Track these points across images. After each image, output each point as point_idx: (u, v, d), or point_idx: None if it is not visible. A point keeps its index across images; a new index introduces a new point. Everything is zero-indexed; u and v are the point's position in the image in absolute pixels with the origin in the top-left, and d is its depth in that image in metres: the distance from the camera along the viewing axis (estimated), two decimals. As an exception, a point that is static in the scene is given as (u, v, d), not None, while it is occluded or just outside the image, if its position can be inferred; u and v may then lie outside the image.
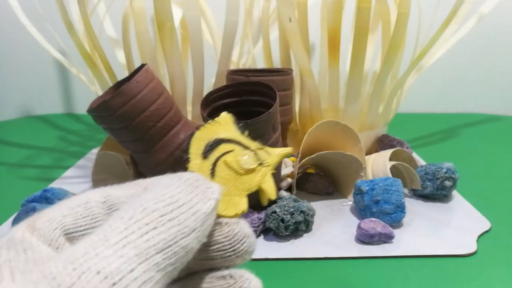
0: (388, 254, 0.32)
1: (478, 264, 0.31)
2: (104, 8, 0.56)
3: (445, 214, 0.38)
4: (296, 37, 0.43)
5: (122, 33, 0.49)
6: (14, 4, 0.57)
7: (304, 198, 0.37)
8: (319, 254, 0.32)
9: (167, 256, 0.13)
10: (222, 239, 0.17)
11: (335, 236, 0.34)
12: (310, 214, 0.34)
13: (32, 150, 0.61)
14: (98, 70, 0.48)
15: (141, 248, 0.13)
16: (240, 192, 0.18)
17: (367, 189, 0.36)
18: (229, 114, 0.20)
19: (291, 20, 0.42)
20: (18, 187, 0.47)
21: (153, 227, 0.13)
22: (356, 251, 0.32)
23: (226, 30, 0.43)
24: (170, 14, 0.41)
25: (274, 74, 0.42)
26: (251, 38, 0.55)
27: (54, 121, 0.78)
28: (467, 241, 0.33)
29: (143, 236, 0.13)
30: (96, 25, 0.48)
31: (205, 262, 0.17)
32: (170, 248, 0.13)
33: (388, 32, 0.49)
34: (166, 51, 0.43)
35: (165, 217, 0.14)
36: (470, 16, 0.55)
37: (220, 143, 0.19)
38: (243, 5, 0.54)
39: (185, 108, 0.46)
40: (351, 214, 0.38)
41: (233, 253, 0.17)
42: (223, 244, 0.17)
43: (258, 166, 0.19)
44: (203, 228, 0.15)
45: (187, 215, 0.14)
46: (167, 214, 0.14)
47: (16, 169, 0.53)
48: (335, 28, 0.43)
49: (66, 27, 0.46)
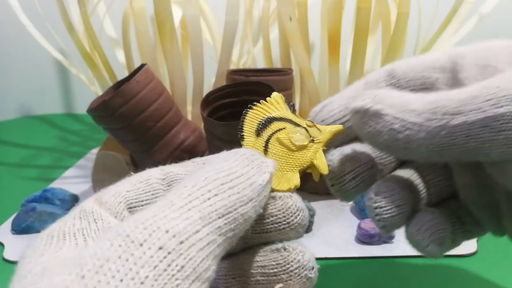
0: (388, 254, 0.32)
1: (478, 264, 0.31)
2: (104, 8, 0.56)
3: (445, 214, 0.38)
4: (296, 36, 0.43)
5: (122, 33, 0.49)
6: (14, 4, 0.57)
7: (304, 198, 0.37)
8: (319, 254, 0.32)
9: (228, 221, 0.14)
10: (276, 212, 0.18)
11: (335, 236, 0.34)
12: (310, 214, 0.34)
13: (32, 150, 0.61)
14: (98, 70, 0.48)
15: (204, 212, 0.14)
16: (292, 168, 0.19)
17: (367, 189, 0.36)
18: (280, 94, 0.21)
19: (292, 19, 0.42)
20: (18, 187, 0.47)
21: (214, 193, 0.15)
22: (356, 251, 0.32)
23: (226, 30, 0.43)
24: (170, 14, 0.41)
25: (274, 74, 0.42)
26: (251, 38, 0.55)
27: (54, 121, 0.78)
28: (467, 242, 0.33)
29: (206, 202, 0.14)
30: (96, 25, 0.48)
31: (260, 235, 0.18)
32: (231, 214, 0.15)
33: (388, 32, 0.49)
34: (166, 51, 0.43)
35: (226, 185, 0.15)
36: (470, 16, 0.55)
37: (272, 121, 0.20)
38: (243, 5, 0.54)
39: (185, 108, 0.46)
40: (351, 214, 0.38)
41: (287, 226, 0.18)
42: (277, 217, 0.18)
43: (310, 143, 0.20)
44: (259, 199, 0.16)
45: (245, 185, 0.15)
46: (227, 183, 0.15)
47: (16, 169, 0.53)
48: (335, 28, 0.43)
49: (66, 27, 0.46)
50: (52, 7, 0.48)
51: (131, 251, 0.13)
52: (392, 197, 0.19)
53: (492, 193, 0.20)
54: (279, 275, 0.18)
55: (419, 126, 0.17)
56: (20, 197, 0.40)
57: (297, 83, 0.52)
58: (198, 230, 0.14)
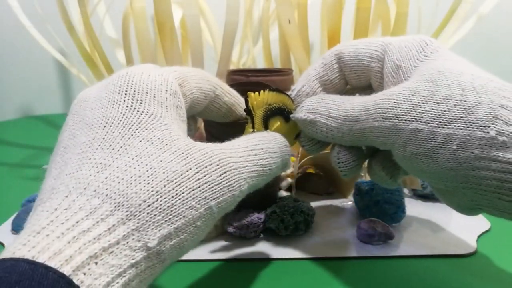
0: (388, 254, 0.32)
1: (478, 264, 0.31)
2: (104, 8, 0.56)
3: (445, 214, 0.38)
4: (295, 39, 0.43)
5: (122, 33, 0.49)
6: (14, 5, 0.57)
7: (304, 198, 0.37)
8: (319, 254, 0.32)
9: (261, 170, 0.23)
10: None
11: (335, 236, 0.34)
12: (310, 214, 0.34)
13: (32, 150, 0.61)
14: (98, 70, 0.48)
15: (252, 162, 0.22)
16: (289, 135, 0.27)
17: (367, 189, 0.36)
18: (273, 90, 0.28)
19: (290, 22, 0.42)
20: (18, 187, 0.47)
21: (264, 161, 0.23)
22: (356, 251, 0.32)
23: (226, 30, 0.43)
24: (170, 14, 0.41)
25: (274, 74, 0.42)
26: (251, 38, 0.55)
27: (54, 121, 0.78)
28: (467, 241, 0.33)
29: (257, 155, 0.23)
30: (96, 25, 0.48)
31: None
32: (257, 178, 0.22)
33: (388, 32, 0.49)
34: (166, 51, 0.43)
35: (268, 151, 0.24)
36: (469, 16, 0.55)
37: (271, 106, 0.27)
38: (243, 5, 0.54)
39: (185, 108, 0.46)
40: (351, 214, 0.38)
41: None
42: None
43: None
44: (283, 168, 0.25)
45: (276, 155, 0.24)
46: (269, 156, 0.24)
47: (17, 169, 0.53)
48: (335, 29, 0.43)
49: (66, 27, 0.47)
50: (52, 8, 0.48)
51: (223, 185, 0.20)
52: (349, 155, 0.27)
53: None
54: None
55: (337, 129, 0.25)
56: (21, 197, 0.40)
57: (297, 83, 0.52)
58: (246, 188, 0.21)
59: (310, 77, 0.28)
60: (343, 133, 0.25)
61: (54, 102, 0.85)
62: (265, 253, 0.32)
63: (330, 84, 0.28)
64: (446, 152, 0.21)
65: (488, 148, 0.20)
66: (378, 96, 0.24)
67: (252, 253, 0.32)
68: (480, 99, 0.21)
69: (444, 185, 0.23)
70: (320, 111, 0.26)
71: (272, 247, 0.33)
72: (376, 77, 0.26)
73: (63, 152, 0.19)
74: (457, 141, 0.21)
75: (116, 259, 0.16)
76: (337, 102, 0.25)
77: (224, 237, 0.34)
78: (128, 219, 0.16)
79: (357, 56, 0.27)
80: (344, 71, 0.28)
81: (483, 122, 0.20)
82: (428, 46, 0.24)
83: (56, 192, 0.17)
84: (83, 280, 0.14)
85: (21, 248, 0.15)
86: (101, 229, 0.16)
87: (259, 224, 0.34)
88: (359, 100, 0.25)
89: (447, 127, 0.21)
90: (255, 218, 0.33)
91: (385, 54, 0.26)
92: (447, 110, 0.21)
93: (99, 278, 0.15)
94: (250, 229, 0.33)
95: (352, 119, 0.24)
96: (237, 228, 0.33)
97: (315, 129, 0.26)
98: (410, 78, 0.24)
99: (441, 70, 0.22)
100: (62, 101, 0.85)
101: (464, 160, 0.21)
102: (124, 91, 0.20)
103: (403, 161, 0.24)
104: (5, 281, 0.13)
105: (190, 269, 0.30)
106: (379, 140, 0.23)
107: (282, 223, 0.33)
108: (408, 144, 0.22)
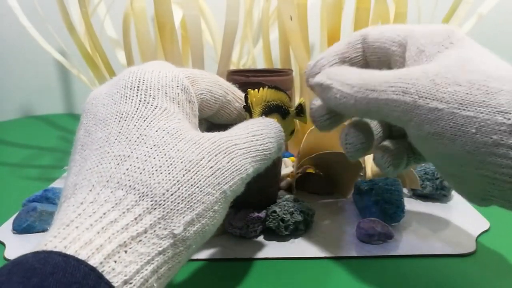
0: (387, 254, 0.32)
1: (478, 264, 0.31)
2: (105, 8, 0.56)
3: (444, 214, 0.38)
4: (296, 36, 0.43)
5: (123, 34, 0.49)
6: (14, 5, 0.57)
7: (304, 198, 0.37)
8: (319, 254, 0.32)
9: (263, 154, 0.24)
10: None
11: (335, 236, 0.35)
12: (310, 214, 0.35)
13: (32, 150, 0.61)
14: (98, 71, 0.48)
15: (258, 159, 0.24)
16: (285, 131, 0.28)
17: (366, 189, 0.37)
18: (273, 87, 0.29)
19: (292, 18, 0.43)
20: (19, 187, 0.47)
21: (264, 145, 0.24)
22: (356, 251, 0.32)
23: (226, 30, 0.43)
24: (171, 14, 0.41)
25: (274, 75, 0.42)
26: (251, 38, 0.55)
27: (54, 121, 0.78)
28: (467, 241, 0.34)
29: (258, 141, 0.24)
30: (96, 26, 0.48)
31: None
32: (260, 162, 0.24)
33: (387, 33, 0.49)
34: (166, 52, 0.43)
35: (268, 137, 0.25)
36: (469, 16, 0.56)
37: (269, 103, 0.28)
38: (243, 5, 0.54)
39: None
40: (351, 214, 0.39)
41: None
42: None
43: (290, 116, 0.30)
44: (278, 152, 0.26)
45: (273, 139, 0.25)
46: (269, 140, 0.25)
47: (17, 169, 0.53)
48: (335, 28, 0.43)
49: (67, 27, 0.47)
50: (53, 8, 0.48)
51: (232, 170, 0.21)
52: (357, 137, 0.27)
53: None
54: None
55: (350, 96, 0.25)
56: (21, 197, 0.40)
57: (297, 83, 0.52)
58: (251, 172, 0.23)
59: (331, 51, 0.29)
60: (355, 100, 0.24)
61: (54, 102, 0.85)
62: (265, 253, 0.32)
63: (349, 62, 0.28)
64: (465, 134, 0.21)
65: (508, 135, 0.20)
66: (400, 71, 0.23)
67: (252, 253, 0.32)
68: (504, 86, 0.20)
69: (459, 170, 0.22)
70: (338, 78, 0.26)
71: (272, 247, 0.33)
72: (396, 61, 0.26)
73: (80, 150, 0.20)
74: (477, 124, 0.20)
75: (144, 247, 0.16)
76: (357, 72, 0.26)
77: (224, 237, 0.34)
78: (153, 208, 0.17)
79: (380, 39, 0.27)
80: (366, 53, 0.28)
81: (504, 109, 0.20)
82: (454, 35, 0.24)
83: (79, 188, 0.18)
84: (114, 268, 0.15)
85: (52, 240, 0.15)
86: (128, 219, 0.16)
87: (259, 224, 0.34)
88: (379, 73, 0.24)
89: (468, 110, 0.20)
90: (255, 218, 0.34)
91: (408, 38, 0.26)
92: (469, 93, 0.21)
93: (129, 266, 0.15)
94: (250, 229, 0.33)
95: (369, 87, 0.24)
96: (237, 228, 0.33)
97: (329, 95, 0.26)
98: (433, 61, 0.23)
99: (466, 57, 0.22)
100: (62, 101, 0.85)
101: (482, 145, 0.20)
102: (136, 87, 0.21)
103: (418, 141, 0.23)
104: (40, 272, 0.14)
105: (190, 269, 0.30)
106: (395, 114, 0.23)
107: (282, 223, 0.33)
108: (426, 123, 0.22)
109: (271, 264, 0.31)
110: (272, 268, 0.31)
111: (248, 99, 0.27)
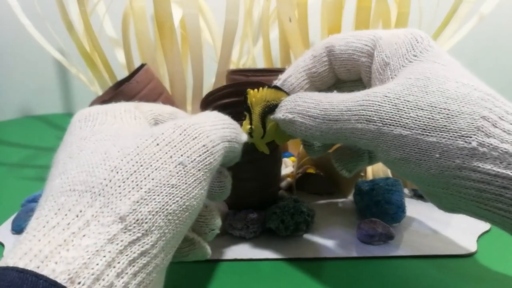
0: (388, 254, 0.32)
1: (478, 264, 0.31)
2: (104, 7, 0.56)
3: (445, 214, 0.37)
4: (296, 37, 0.43)
5: (122, 33, 0.49)
6: (13, 4, 0.57)
7: (304, 198, 0.37)
8: (319, 254, 0.32)
9: (229, 145, 0.24)
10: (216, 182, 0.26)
11: (335, 236, 0.34)
12: (310, 215, 0.34)
13: (32, 150, 0.61)
14: (97, 70, 0.48)
15: (222, 134, 0.23)
16: (281, 137, 0.29)
17: (367, 189, 0.36)
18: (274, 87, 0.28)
19: (291, 20, 0.42)
20: (18, 187, 0.47)
21: (225, 127, 0.24)
22: (356, 251, 0.32)
23: (226, 29, 0.43)
24: (170, 14, 0.41)
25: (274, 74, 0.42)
26: (251, 37, 0.55)
27: (54, 121, 0.78)
28: (467, 241, 0.33)
29: (224, 129, 0.23)
30: (96, 25, 0.48)
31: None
32: (229, 142, 0.24)
33: (388, 32, 0.48)
34: (166, 51, 0.43)
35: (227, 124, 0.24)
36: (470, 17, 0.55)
37: (269, 103, 0.28)
38: (243, 4, 0.54)
39: (185, 108, 0.46)
40: (351, 214, 0.38)
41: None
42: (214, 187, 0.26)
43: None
44: (239, 146, 0.25)
45: (237, 131, 0.25)
46: (229, 125, 0.24)
47: (16, 169, 0.53)
48: (335, 28, 0.43)
49: (66, 27, 0.46)
50: (52, 7, 0.48)
51: (188, 140, 0.21)
52: (344, 158, 0.29)
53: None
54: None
55: (315, 128, 0.25)
56: (20, 197, 0.39)
57: (297, 83, 0.52)
58: (219, 144, 0.22)
59: (298, 68, 0.28)
60: (321, 131, 0.25)
61: (53, 102, 0.85)
62: (265, 254, 0.32)
63: (318, 77, 0.28)
64: (429, 159, 0.21)
65: (470, 158, 0.20)
66: (360, 97, 0.24)
67: (252, 253, 0.32)
68: (463, 109, 0.21)
69: (427, 188, 0.23)
70: (298, 110, 0.26)
71: (272, 247, 0.33)
72: (366, 72, 0.26)
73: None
74: (440, 149, 0.21)
75: (89, 240, 0.16)
76: (315, 100, 0.25)
77: (224, 237, 0.34)
78: (94, 200, 0.17)
79: (347, 50, 0.27)
80: (334, 65, 0.28)
81: (465, 133, 0.21)
82: (418, 44, 0.24)
83: (39, 205, 0.19)
84: (54, 268, 0.15)
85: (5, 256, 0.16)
86: (69, 219, 0.16)
87: (259, 225, 0.34)
88: (338, 99, 0.24)
89: (431, 135, 0.21)
90: (255, 219, 0.33)
91: (375, 49, 0.26)
92: (431, 118, 0.21)
93: (73, 263, 0.15)
94: (250, 229, 0.33)
95: (332, 118, 0.24)
96: (237, 228, 0.33)
97: (294, 128, 0.26)
98: (396, 77, 0.24)
99: (427, 76, 0.23)
100: (62, 101, 0.85)
101: (446, 168, 0.21)
102: (78, 120, 0.22)
103: (387, 164, 0.24)
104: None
105: (190, 269, 0.30)
106: (362, 142, 0.24)
107: (282, 224, 0.33)
108: (392, 149, 0.22)
109: (271, 264, 0.31)
110: (272, 269, 0.30)
111: (248, 99, 0.27)
